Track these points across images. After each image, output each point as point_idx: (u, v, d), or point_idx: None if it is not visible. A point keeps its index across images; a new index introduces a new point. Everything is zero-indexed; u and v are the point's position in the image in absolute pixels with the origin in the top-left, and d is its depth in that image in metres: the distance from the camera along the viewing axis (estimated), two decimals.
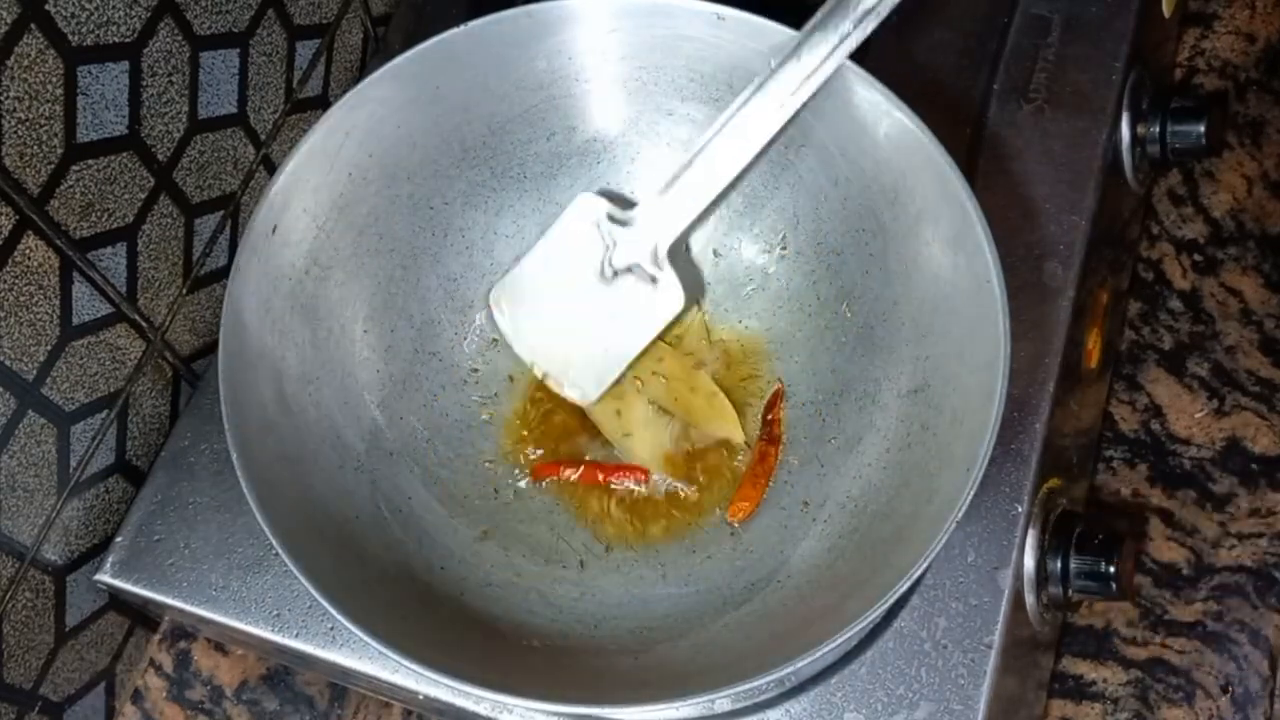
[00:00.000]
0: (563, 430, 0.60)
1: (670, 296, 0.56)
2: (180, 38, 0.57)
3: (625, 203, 0.59)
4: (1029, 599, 0.55)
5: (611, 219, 0.57)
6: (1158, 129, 0.56)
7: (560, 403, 0.60)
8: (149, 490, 0.61)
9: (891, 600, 0.44)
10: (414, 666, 0.44)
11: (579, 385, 0.59)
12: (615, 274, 0.56)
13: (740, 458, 0.58)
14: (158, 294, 0.61)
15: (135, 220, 0.58)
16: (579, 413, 0.60)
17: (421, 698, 0.56)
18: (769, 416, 0.58)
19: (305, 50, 0.68)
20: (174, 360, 0.64)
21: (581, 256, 0.58)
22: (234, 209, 0.65)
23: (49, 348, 0.54)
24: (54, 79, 0.50)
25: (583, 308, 0.58)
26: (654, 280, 0.55)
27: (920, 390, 0.53)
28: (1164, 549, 0.69)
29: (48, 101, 0.50)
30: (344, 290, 0.57)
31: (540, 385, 0.61)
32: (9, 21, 0.47)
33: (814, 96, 0.51)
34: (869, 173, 0.55)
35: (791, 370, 0.59)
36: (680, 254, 0.58)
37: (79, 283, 0.55)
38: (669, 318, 0.57)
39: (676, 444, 0.59)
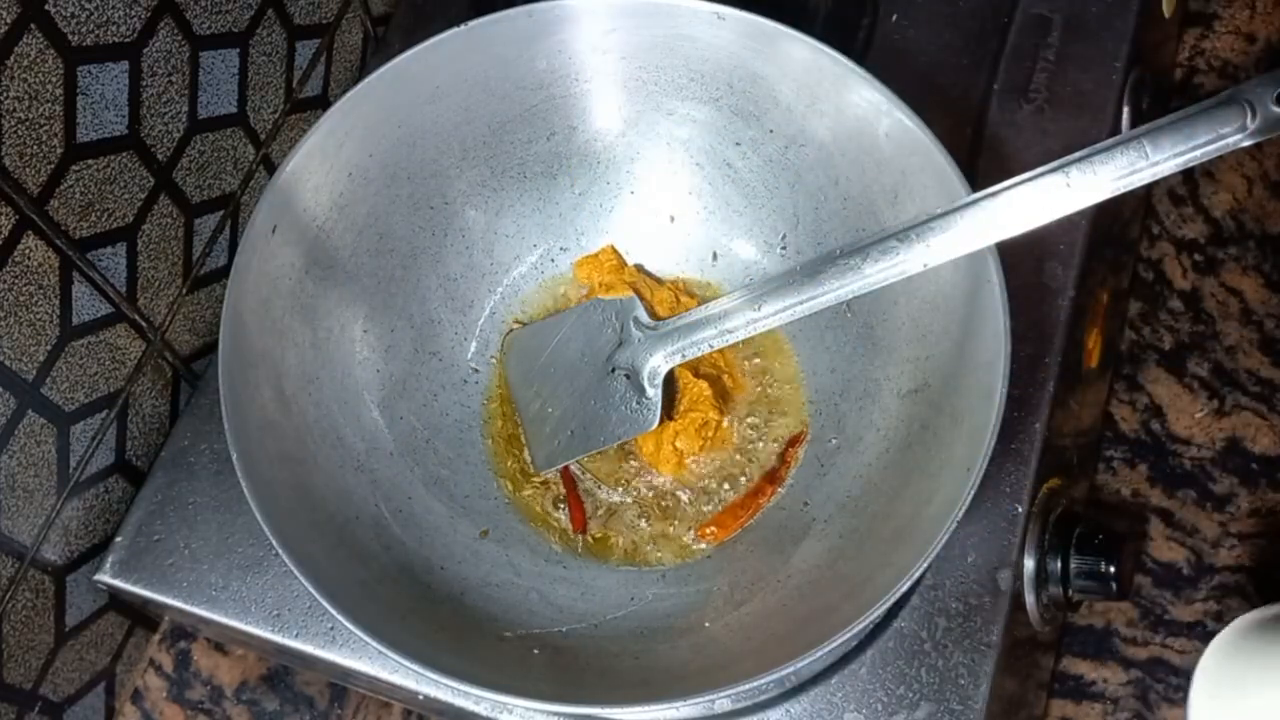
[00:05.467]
0: None
1: (646, 417, 0.56)
2: (180, 38, 0.57)
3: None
4: (1029, 599, 0.55)
5: (637, 322, 0.57)
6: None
7: None
8: (149, 490, 0.61)
9: (891, 600, 0.44)
10: (414, 666, 0.45)
11: (534, 452, 0.59)
12: (614, 370, 0.57)
13: (726, 487, 0.58)
14: (158, 294, 0.61)
15: (135, 220, 0.58)
16: None
17: (421, 698, 0.56)
18: (784, 456, 0.58)
19: (305, 50, 0.68)
20: (174, 360, 0.64)
21: (596, 342, 0.58)
22: (234, 209, 0.65)
23: (49, 348, 0.54)
24: (54, 79, 0.50)
25: (575, 386, 0.58)
26: (642, 393, 0.56)
27: (920, 390, 0.53)
28: (1164, 549, 0.69)
29: (48, 101, 0.50)
30: (344, 290, 0.57)
31: None
32: (9, 21, 0.47)
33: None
34: (869, 173, 0.55)
35: (791, 370, 0.59)
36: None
37: (79, 283, 0.55)
38: (634, 435, 0.57)
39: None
